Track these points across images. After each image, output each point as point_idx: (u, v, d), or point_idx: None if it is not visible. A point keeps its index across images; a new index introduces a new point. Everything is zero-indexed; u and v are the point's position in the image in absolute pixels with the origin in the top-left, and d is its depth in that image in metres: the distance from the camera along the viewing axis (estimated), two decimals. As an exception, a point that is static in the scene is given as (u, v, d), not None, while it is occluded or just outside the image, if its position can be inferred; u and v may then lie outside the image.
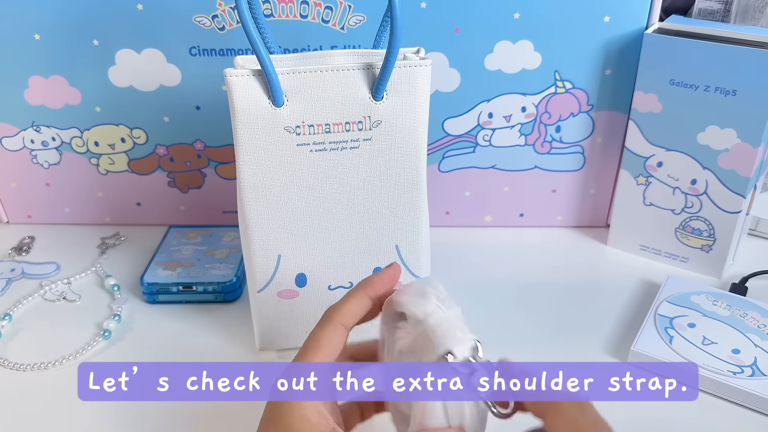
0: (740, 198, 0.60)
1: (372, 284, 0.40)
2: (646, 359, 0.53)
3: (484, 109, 0.65)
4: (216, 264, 0.64)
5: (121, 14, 0.60)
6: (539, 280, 0.65)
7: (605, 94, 0.65)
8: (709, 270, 0.65)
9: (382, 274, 0.41)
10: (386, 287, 0.40)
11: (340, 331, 0.39)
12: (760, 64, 0.54)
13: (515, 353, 0.37)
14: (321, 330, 0.39)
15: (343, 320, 0.39)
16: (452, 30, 0.61)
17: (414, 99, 0.47)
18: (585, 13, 0.60)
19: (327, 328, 0.39)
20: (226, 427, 0.50)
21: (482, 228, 0.73)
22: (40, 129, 0.68)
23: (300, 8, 0.60)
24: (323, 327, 0.39)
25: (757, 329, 0.55)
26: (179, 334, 0.59)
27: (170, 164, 0.70)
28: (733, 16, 0.74)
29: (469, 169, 0.69)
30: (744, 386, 0.50)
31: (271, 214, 0.49)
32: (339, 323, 0.39)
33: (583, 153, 0.68)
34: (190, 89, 0.64)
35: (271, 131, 0.47)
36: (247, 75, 0.46)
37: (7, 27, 0.62)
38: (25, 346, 0.58)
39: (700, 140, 0.60)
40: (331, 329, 0.39)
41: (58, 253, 0.70)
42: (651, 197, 0.65)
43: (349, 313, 0.39)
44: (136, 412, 0.51)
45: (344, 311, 0.39)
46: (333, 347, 0.38)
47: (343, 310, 0.39)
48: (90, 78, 0.64)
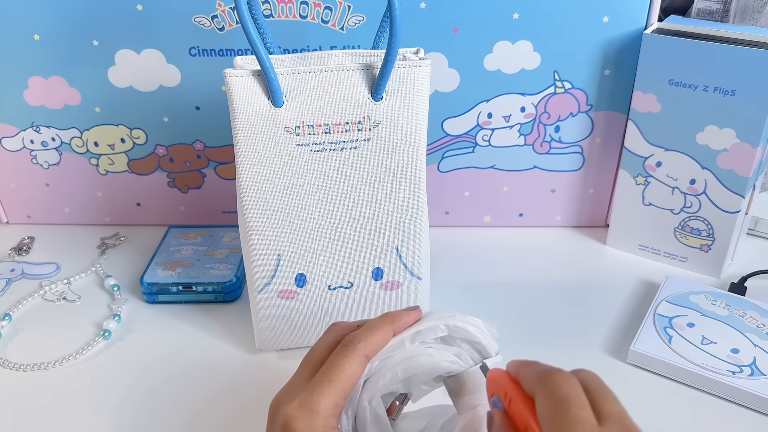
0: (739, 198, 0.60)
1: (398, 320, 0.39)
2: (645, 359, 0.53)
3: (483, 110, 0.65)
4: (216, 264, 0.64)
5: (121, 14, 0.60)
6: (538, 279, 0.65)
7: (604, 94, 0.65)
8: (708, 270, 0.65)
9: (409, 314, 0.40)
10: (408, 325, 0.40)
11: (364, 363, 0.38)
12: (758, 63, 0.54)
13: (514, 353, 0.37)
14: (346, 360, 0.37)
15: (368, 352, 0.38)
16: (451, 30, 0.61)
17: (413, 99, 0.47)
18: (584, 14, 0.60)
19: (352, 359, 0.37)
20: (226, 428, 0.50)
21: (482, 228, 0.73)
22: (40, 129, 0.68)
23: (299, 8, 0.60)
24: (347, 356, 0.37)
25: (756, 329, 0.55)
26: (179, 334, 0.59)
27: (170, 164, 0.70)
28: (731, 16, 0.75)
29: (468, 169, 0.69)
30: (743, 386, 0.50)
31: (271, 214, 0.49)
32: (364, 355, 0.38)
33: (582, 153, 0.68)
34: (190, 89, 0.65)
35: (270, 132, 0.47)
36: (246, 75, 0.46)
37: (7, 27, 0.62)
38: (25, 346, 0.58)
39: (699, 140, 0.60)
40: (354, 360, 0.37)
41: (57, 254, 0.70)
42: (650, 197, 0.65)
43: (375, 346, 0.38)
44: (136, 412, 0.51)
45: (371, 343, 0.38)
46: (356, 380, 0.37)
47: (370, 342, 0.38)
48: (89, 78, 0.64)
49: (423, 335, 0.39)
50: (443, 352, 0.39)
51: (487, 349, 0.39)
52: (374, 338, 0.38)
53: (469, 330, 0.39)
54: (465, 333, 0.39)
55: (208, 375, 0.54)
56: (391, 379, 0.38)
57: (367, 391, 0.38)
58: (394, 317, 0.40)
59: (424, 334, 0.39)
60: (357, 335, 0.38)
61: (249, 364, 0.55)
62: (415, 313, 0.40)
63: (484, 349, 0.39)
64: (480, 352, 0.39)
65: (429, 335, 0.39)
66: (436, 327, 0.39)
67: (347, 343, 0.38)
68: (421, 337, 0.39)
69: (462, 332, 0.39)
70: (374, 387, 0.38)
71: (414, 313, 0.40)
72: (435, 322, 0.39)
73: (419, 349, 0.39)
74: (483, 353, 0.39)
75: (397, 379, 0.38)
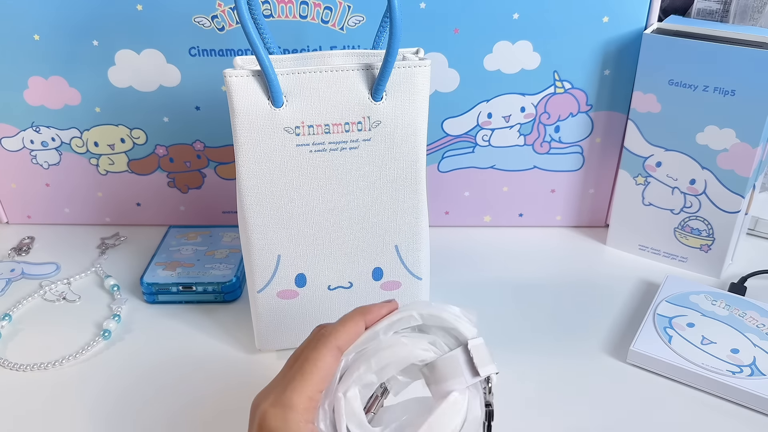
0: (739, 198, 0.60)
1: (370, 312, 0.39)
2: (645, 359, 0.53)
3: (483, 110, 0.65)
4: (216, 264, 0.64)
5: (121, 15, 0.60)
6: (538, 279, 0.65)
7: (604, 94, 0.65)
8: (708, 270, 0.65)
9: (381, 306, 0.40)
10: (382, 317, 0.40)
11: (336, 355, 0.38)
12: (758, 64, 0.54)
13: (514, 353, 0.37)
14: (317, 353, 0.37)
15: (340, 343, 0.38)
16: (451, 30, 0.61)
17: (413, 99, 0.47)
18: (584, 14, 0.60)
19: (324, 351, 0.37)
20: (226, 427, 0.50)
21: (481, 228, 0.73)
22: (40, 129, 0.68)
23: (299, 9, 0.60)
24: (320, 350, 0.37)
25: (756, 329, 0.55)
26: (179, 334, 0.59)
27: (170, 164, 0.70)
28: (731, 16, 0.75)
29: (468, 169, 0.69)
30: (743, 386, 0.50)
31: (270, 215, 0.49)
32: (336, 347, 0.38)
33: (582, 153, 0.68)
34: (190, 89, 0.65)
35: (270, 132, 0.47)
36: (246, 75, 0.46)
37: (7, 27, 0.62)
38: (25, 347, 0.58)
39: (698, 140, 0.60)
40: (327, 353, 0.37)
41: (57, 254, 0.70)
42: (650, 197, 0.65)
43: (346, 336, 0.38)
44: (136, 413, 0.51)
45: (342, 334, 0.38)
46: (330, 372, 0.37)
47: (340, 333, 0.38)
48: (90, 78, 0.64)
49: (396, 325, 0.39)
50: (417, 340, 0.38)
51: (463, 333, 0.38)
52: (345, 329, 0.38)
53: (442, 317, 0.38)
54: (439, 320, 0.38)
55: (208, 375, 0.54)
56: (365, 370, 0.37)
57: (342, 383, 0.38)
58: (367, 309, 0.40)
59: (397, 324, 0.39)
60: (327, 327, 0.39)
61: (249, 364, 0.55)
62: (389, 305, 0.40)
63: (460, 334, 0.38)
64: (458, 339, 0.38)
65: (403, 325, 0.39)
66: (409, 317, 0.39)
67: (318, 336, 0.38)
68: (394, 327, 0.39)
69: (436, 320, 0.38)
70: (349, 379, 0.37)
71: (388, 305, 0.40)
72: (408, 312, 0.39)
73: (393, 339, 0.38)
74: (460, 339, 0.38)
75: (371, 370, 0.37)
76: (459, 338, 0.38)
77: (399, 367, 0.38)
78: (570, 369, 0.54)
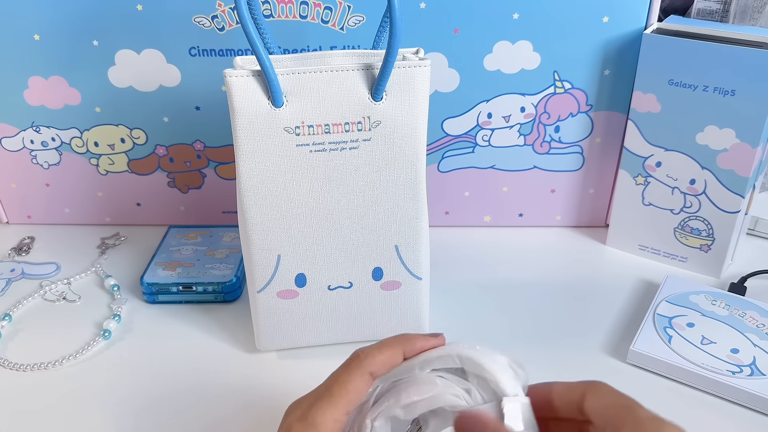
0: (739, 198, 0.60)
1: (413, 342, 0.38)
2: (645, 359, 0.53)
3: (483, 110, 0.65)
4: (216, 264, 0.64)
5: (121, 15, 0.60)
6: (538, 279, 0.65)
7: (604, 94, 0.65)
8: (708, 270, 0.65)
9: (427, 340, 0.38)
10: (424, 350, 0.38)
11: (367, 380, 0.36)
12: (758, 64, 0.54)
13: (514, 353, 0.37)
14: (348, 375, 0.36)
15: (373, 369, 0.37)
16: (451, 30, 0.61)
17: (413, 99, 0.47)
18: (584, 14, 0.60)
19: (355, 375, 0.36)
20: (226, 427, 0.50)
21: (481, 228, 0.73)
22: (40, 129, 0.68)
23: (299, 9, 0.60)
24: (351, 372, 0.36)
25: (756, 329, 0.55)
26: (179, 334, 0.59)
27: (170, 164, 0.70)
28: (731, 16, 0.75)
29: (468, 169, 0.69)
30: (743, 386, 0.50)
31: (270, 214, 0.49)
32: (368, 372, 0.36)
33: (582, 153, 0.68)
34: (190, 89, 0.65)
35: (270, 132, 0.47)
36: (246, 75, 0.46)
37: (7, 27, 0.62)
38: (25, 347, 0.58)
39: (698, 140, 0.60)
40: (358, 377, 0.36)
41: (57, 254, 0.70)
42: (650, 197, 0.65)
43: (381, 364, 0.37)
44: (136, 413, 0.51)
45: (378, 361, 0.37)
46: (359, 396, 0.36)
47: (377, 359, 0.37)
48: (90, 78, 0.65)
49: (435, 363, 0.37)
50: (451, 384, 0.36)
51: (502, 388, 0.35)
52: (381, 356, 0.37)
53: (483, 365, 0.35)
54: (479, 368, 0.35)
55: (208, 375, 0.54)
56: (393, 403, 0.36)
57: (373, 410, 0.36)
58: (409, 339, 0.38)
59: (436, 361, 0.37)
60: (364, 351, 0.37)
61: (249, 364, 0.55)
62: (434, 340, 0.38)
63: (498, 387, 0.35)
64: (495, 392, 0.35)
65: (441, 364, 0.37)
66: (448, 356, 0.36)
67: (353, 358, 0.37)
68: (433, 364, 0.37)
69: (476, 367, 0.35)
70: (378, 407, 0.36)
71: (434, 339, 0.38)
72: (449, 352, 0.36)
73: (427, 377, 0.36)
74: (498, 392, 0.35)
75: (399, 404, 0.36)
76: (497, 391, 0.35)
77: (427, 407, 0.36)
78: (570, 369, 0.54)
